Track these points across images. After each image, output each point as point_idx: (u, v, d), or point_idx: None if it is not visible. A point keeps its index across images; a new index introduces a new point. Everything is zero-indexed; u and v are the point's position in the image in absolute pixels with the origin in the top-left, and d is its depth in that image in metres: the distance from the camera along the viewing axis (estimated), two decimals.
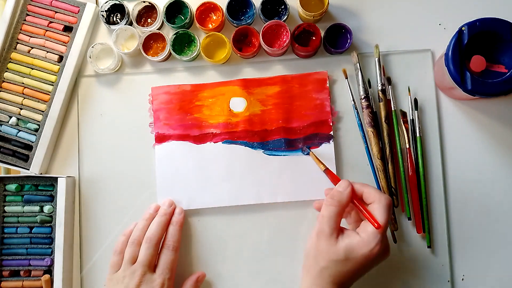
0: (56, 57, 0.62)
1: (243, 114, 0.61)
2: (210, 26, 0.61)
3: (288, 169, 0.60)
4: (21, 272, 0.60)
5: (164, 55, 0.61)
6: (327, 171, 0.56)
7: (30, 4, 0.63)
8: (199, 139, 0.61)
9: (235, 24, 0.61)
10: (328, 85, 0.61)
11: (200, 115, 0.62)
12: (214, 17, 0.62)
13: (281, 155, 0.60)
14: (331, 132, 0.60)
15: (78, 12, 0.63)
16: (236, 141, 0.61)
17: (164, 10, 0.61)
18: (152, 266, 0.54)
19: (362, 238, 0.46)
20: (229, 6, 0.60)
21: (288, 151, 0.60)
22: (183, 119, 0.62)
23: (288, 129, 0.60)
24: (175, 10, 0.62)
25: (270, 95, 0.61)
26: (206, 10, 0.61)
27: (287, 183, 0.60)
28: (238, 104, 0.61)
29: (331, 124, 0.60)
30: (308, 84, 0.61)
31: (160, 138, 0.62)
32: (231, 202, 0.60)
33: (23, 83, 0.62)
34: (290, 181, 0.60)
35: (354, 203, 0.50)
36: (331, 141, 0.60)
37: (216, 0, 0.60)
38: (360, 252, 0.46)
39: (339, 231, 0.48)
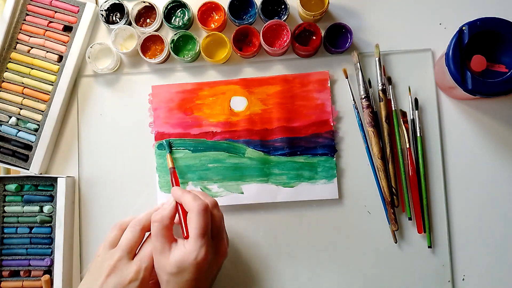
0: (55, 57, 0.62)
1: (243, 113, 0.61)
2: (213, 25, 0.61)
3: (288, 169, 0.60)
4: (21, 272, 0.60)
5: (162, 57, 0.61)
6: (173, 172, 0.58)
7: (30, 4, 0.63)
8: (199, 138, 0.61)
9: (237, 24, 0.60)
10: (329, 85, 0.61)
11: (201, 113, 0.61)
12: (216, 17, 0.61)
13: (281, 155, 0.60)
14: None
15: (78, 11, 0.62)
16: (237, 140, 0.61)
17: (164, 10, 0.61)
18: (132, 252, 0.50)
19: (186, 248, 0.47)
20: (231, 5, 0.60)
21: (288, 150, 0.60)
22: (184, 118, 0.61)
23: (289, 128, 0.60)
24: (175, 11, 0.62)
25: (271, 95, 0.61)
26: (208, 10, 0.61)
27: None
28: (239, 103, 0.61)
29: (332, 124, 0.60)
30: (309, 84, 0.61)
31: (160, 137, 0.61)
32: (230, 201, 0.60)
33: (22, 83, 0.62)
34: (290, 181, 0.60)
35: (178, 213, 0.51)
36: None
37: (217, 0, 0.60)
38: (187, 262, 0.46)
39: (172, 242, 0.49)
